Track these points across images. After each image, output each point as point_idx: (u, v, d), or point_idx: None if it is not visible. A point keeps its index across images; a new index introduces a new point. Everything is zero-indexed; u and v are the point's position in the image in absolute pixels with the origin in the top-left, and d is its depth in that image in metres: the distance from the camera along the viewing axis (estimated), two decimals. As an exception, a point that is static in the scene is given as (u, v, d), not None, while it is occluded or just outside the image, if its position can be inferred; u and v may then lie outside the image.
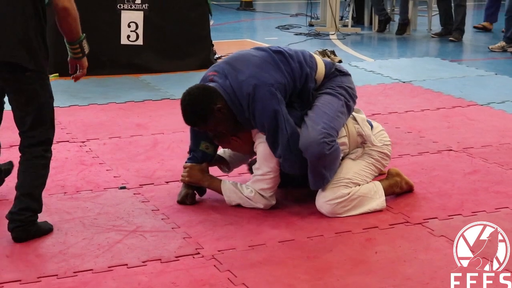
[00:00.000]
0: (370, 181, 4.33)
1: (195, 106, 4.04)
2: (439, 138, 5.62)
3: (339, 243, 3.86)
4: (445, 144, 5.48)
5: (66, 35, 4.02)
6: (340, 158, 4.25)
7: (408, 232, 4.00)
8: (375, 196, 4.23)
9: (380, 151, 4.41)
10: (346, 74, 4.44)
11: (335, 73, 4.38)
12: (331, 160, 4.13)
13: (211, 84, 4.12)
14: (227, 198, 4.27)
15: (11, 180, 4.67)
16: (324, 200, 4.14)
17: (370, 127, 4.43)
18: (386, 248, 3.80)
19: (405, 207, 4.31)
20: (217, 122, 4.08)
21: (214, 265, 3.59)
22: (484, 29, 11.59)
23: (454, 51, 10.01)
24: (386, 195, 4.29)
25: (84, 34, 4.10)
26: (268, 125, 4.04)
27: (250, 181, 4.24)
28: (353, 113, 4.44)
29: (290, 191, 4.48)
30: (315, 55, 4.40)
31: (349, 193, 4.15)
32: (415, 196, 4.47)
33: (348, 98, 4.33)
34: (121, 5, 7.72)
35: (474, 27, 11.69)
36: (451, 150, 5.35)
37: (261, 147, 4.15)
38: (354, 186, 4.19)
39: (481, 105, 6.66)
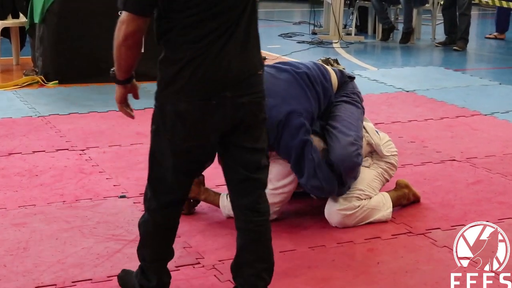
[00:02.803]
0: (379, 192, 4.30)
1: None
2: (442, 148, 5.59)
3: (341, 253, 3.83)
4: (448, 154, 5.45)
5: None
6: None
7: (411, 242, 3.97)
8: (383, 208, 4.22)
9: (387, 162, 4.38)
10: (354, 78, 4.47)
11: (347, 80, 4.38)
12: (360, 169, 4.17)
13: None
14: (225, 215, 4.22)
15: (9, 189, 4.65)
16: (335, 208, 4.12)
17: (379, 137, 4.41)
18: (388, 259, 3.77)
19: (407, 217, 4.28)
20: None
21: (215, 275, 3.56)
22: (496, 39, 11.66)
23: (458, 60, 9.99)
24: (393, 206, 4.28)
25: None
26: (295, 155, 3.96)
27: None
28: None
29: (291, 201, 4.44)
30: (327, 66, 4.37)
31: (359, 206, 4.13)
32: (418, 206, 4.45)
33: (363, 105, 4.38)
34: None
35: (486, 37, 11.69)
36: (454, 160, 5.32)
37: (279, 165, 4.08)
38: (365, 198, 4.16)
39: (485, 115, 6.63)
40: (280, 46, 10.51)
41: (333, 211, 4.12)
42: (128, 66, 2.98)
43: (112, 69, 3.04)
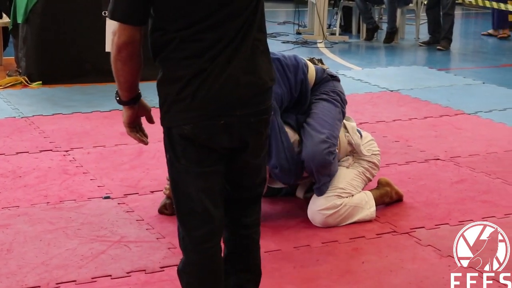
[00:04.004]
0: (361, 191, 4.30)
1: None
2: (427, 147, 5.60)
3: (326, 253, 3.84)
4: (432, 153, 5.47)
5: None
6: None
7: (395, 241, 3.97)
8: (366, 206, 4.22)
9: (369, 161, 4.39)
10: (337, 78, 4.49)
11: (328, 78, 4.41)
12: (334, 167, 4.17)
13: None
14: None
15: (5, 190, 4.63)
16: (316, 208, 4.12)
17: (359, 136, 4.42)
18: (373, 258, 3.78)
19: (392, 216, 4.29)
20: None
21: (199, 276, 3.54)
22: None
23: (442, 59, 10.01)
24: (376, 205, 4.27)
25: None
26: None
27: None
28: (344, 121, 4.44)
29: (276, 201, 4.44)
30: (309, 63, 4.42)
31: (341, 204, 4.13)
32: (402, 206, 4.45)
33: (342, 105, 4.38)
34: (106, 12, 7.65)
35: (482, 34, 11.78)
36: (438, 159, 5.33)
37: None
38: (346, 196, 4.17)
39: (469, 114, 6.65)
40: (265, 46, 10.50)
41: (315, 211, 4.12)
42: (128, 82, 2.66)
43: (116, 90, 2.74)
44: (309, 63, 4.41)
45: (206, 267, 2.80)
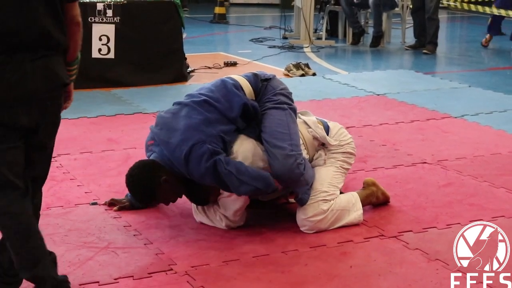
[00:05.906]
0: (348, 192, 4.30)
1: (141, 187, 3.98)
2: (414, 151, 5.61)
3: (314, 257, 3.84)
4: (419, 156, 5.48)
5: (70, 54, 3.36)
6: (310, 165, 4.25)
7: (383, 245, 3.98)
8: (353, 209, 4.22)
9: (343, 152, 4.40)
10: (271, 77, 4.34)
11: (264, 84, 4.27)
12: (309, 173, 4.13)
13: (152, 155, 4.07)
14: (198, 220, 4.25)
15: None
16: (304, 217, 4.11)
17: (322, 128, 4.41)
18: (361, 262, 3.78)
19: (379, 220, 4.29)
20: (167, 192, 4.01)
21: (188, 281, 3.55)
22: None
23: (428, 63, 10.04)
24: (363, 205, 4.28)
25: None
26: (213, 179, 3.92)
27: (220, 205, 4.17)
28: (303, 117, 4.44)
29: (264, 206, 4.43)
30: (236, 77, 4.27)
31: (328, 209, 4.12)
32: (390, 209, 4.46)
33: (289, 102, 4.26)
34: (92, 18, 7.65)
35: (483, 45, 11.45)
36: (425, 162, 5.34)
37: None
38: (331, 199, 4.16)
39: (455, 117, 6.67)
40: (251, 51, 10.51)
41: (303, 219, 4.11)
42: None
43: None
44: (240, 80, 4.24)
45: (18, 224, 3.21)
